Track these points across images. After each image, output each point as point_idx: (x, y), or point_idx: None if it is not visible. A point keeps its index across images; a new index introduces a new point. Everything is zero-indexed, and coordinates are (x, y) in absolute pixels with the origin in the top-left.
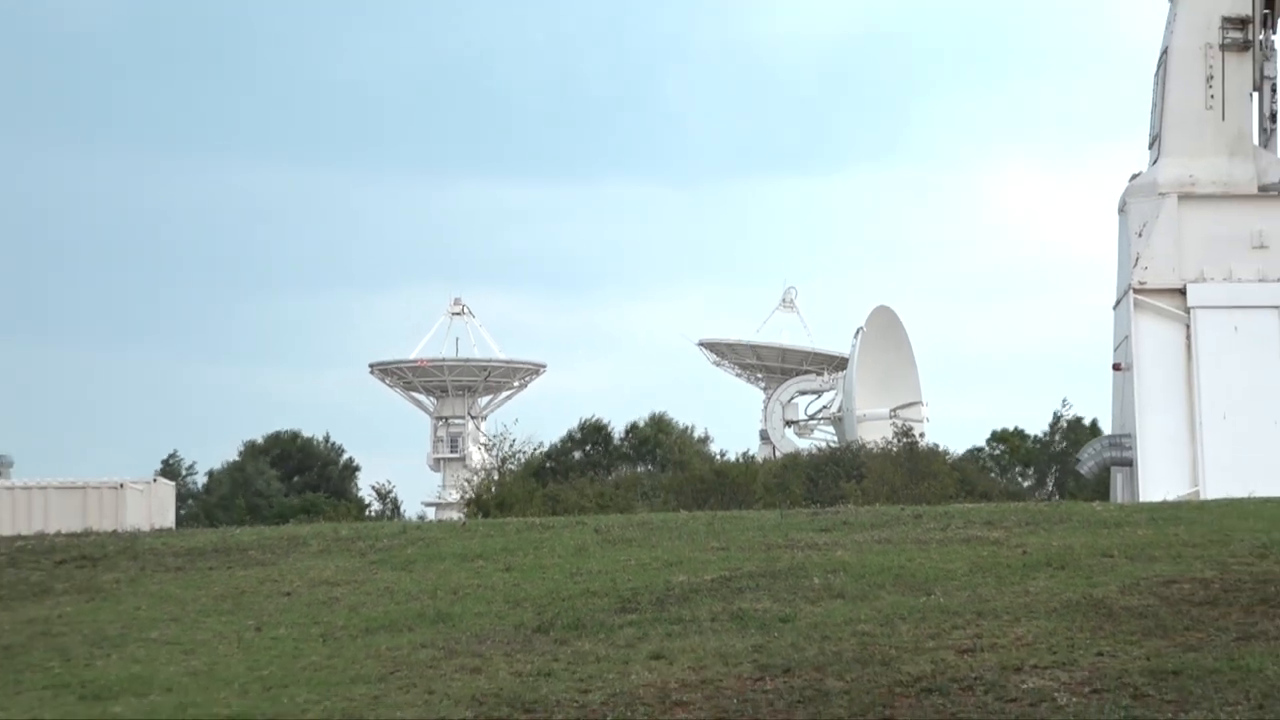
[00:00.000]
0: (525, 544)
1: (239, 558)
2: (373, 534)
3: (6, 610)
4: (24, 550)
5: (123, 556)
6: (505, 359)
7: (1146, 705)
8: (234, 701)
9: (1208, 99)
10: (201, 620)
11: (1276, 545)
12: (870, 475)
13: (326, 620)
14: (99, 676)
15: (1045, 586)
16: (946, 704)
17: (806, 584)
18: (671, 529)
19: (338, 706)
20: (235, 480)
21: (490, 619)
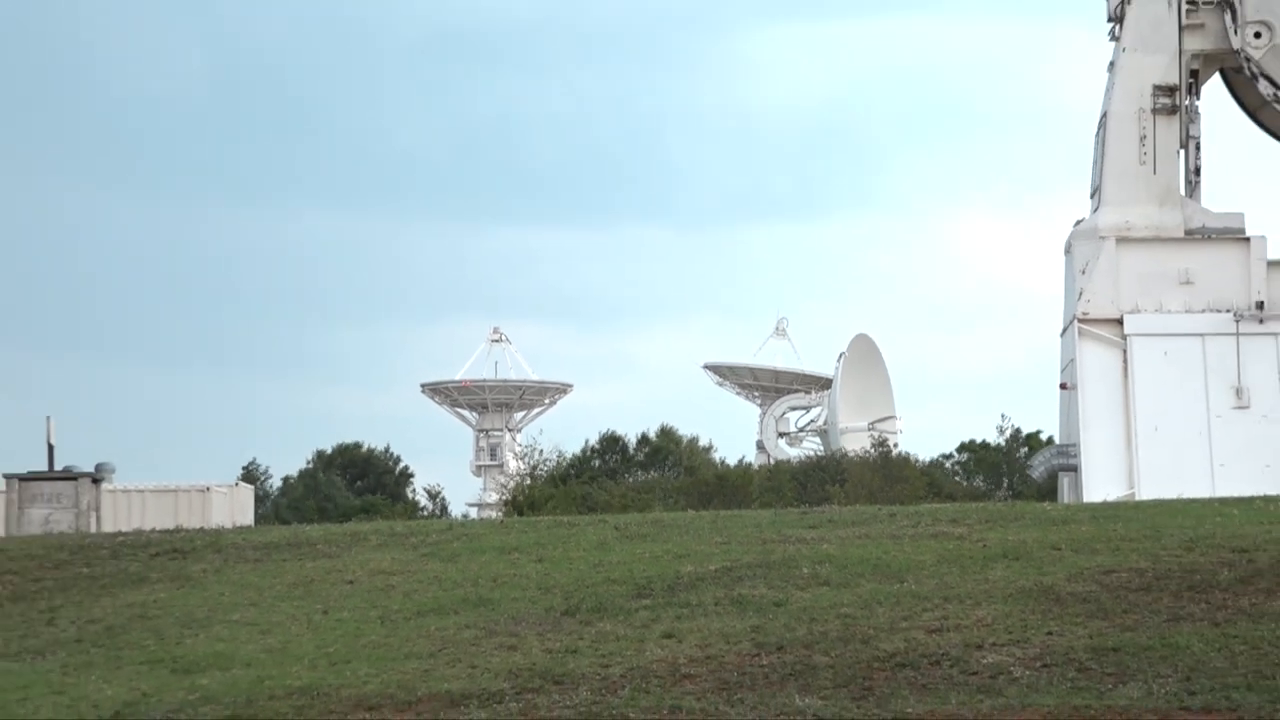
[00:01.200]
0: (554, 539)
1: (308, 551)
2: (423, 530)
3: (109, 596)
4: (124, 545)
5: (208, 550)
6: (537, 380)
7: (1089, 677)
8: (304, 674)
9: (1141, 156)
10: (276, 605)
11: (1201, 540)
12: (851, 480)
13: (383, 605)
14: (188, 653)
15: (1002, 575)
16: (917, 676)
17: (797, 573)
18: (680, 526)
19: (393, 679)
20: (306, 485)
21: (524, 603)
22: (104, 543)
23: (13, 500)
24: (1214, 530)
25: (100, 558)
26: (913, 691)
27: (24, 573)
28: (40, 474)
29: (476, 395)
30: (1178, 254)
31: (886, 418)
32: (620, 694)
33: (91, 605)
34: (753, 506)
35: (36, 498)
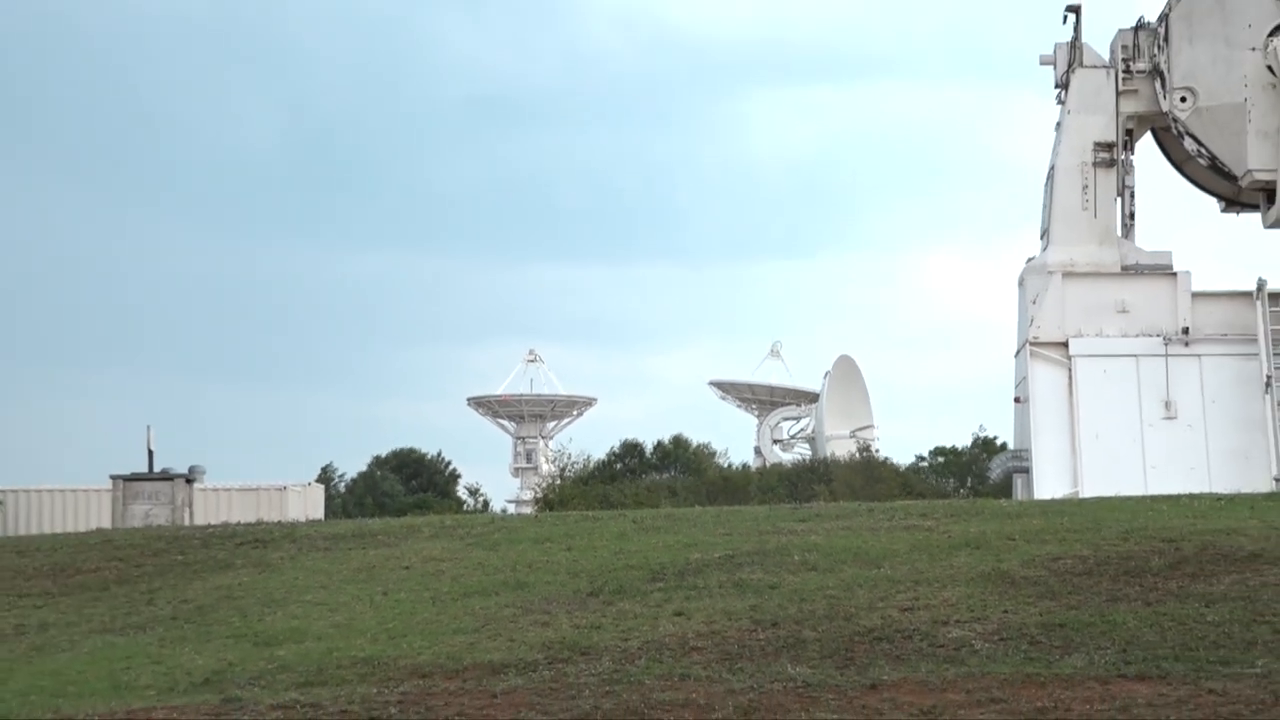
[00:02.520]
0: (581, 531)
1: (370, 541)
2: (469, 524)
3: (200, 580)
4: (212, 536)
5: (285, 540)
6: (566, 394)
7: (1040, 649)
8: (366, 646)
9: (1084, 203)
10: (342, 587)
11: (1135, 531)
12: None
13: (434, 587)
14: (267, 628)
15: (965, 562)
16: (892, 648)
17: (789, 560)
18: (689, 520)
19: (443, 650)
20: (367, 484)
21: (555, 586)
22: (195, 534)
23: (118, 498)
24: (1146, 523)
25: (192, 547)
26: (888, 661)
27: (128, 560)
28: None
29: (514, 407)
30: (1115, 287)
31: (866, 426)
32: (637, 664)
33: (185, 587)
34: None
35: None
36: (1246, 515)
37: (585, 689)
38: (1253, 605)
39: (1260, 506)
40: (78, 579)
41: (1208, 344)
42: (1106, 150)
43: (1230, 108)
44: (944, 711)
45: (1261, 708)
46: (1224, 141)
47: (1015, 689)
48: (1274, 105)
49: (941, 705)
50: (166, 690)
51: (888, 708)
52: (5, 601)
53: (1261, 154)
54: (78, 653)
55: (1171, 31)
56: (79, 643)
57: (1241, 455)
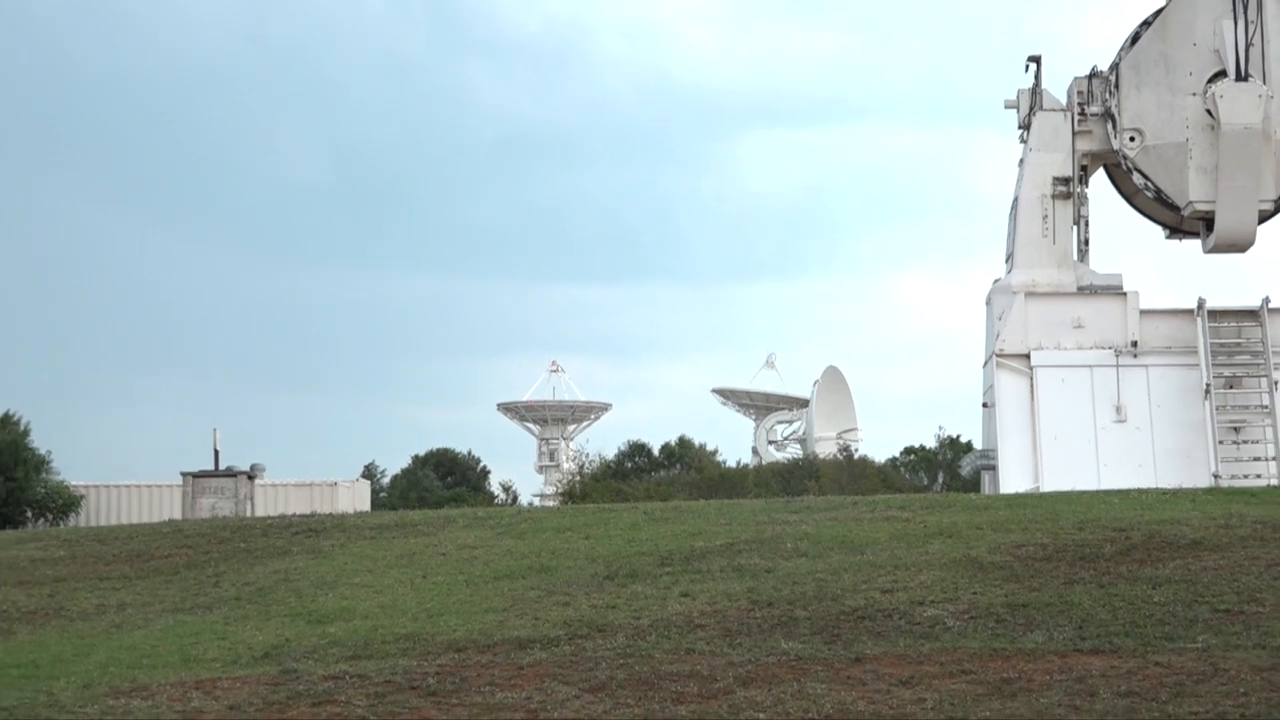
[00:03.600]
0: (598, 521)
1: (411, 530)
2: (498, 515)
3: (261, 565)
4: (271, 526)
5: (336, 530)
6: (584, 400)
7: (1005, 626)
8: (408, 624)
9: (1044, 230)
10: (386, 571)
11: (1090, 522)
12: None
13: (468, 571)
14: (320, 608)
15: (938, 549)
16: (874, 626)
17: (782, 547)
18: (694, 512)
19: (476, 627)
20: (409, 480)
21: (575, 570)
22: (256, 524)
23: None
24: (1099, 514)
25: (253, 535)
26: (871, 637)
27: (196, 547)
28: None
29: (539, 412)
30: (1071, 305)
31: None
32: (648, 639)
33: (247, 572)
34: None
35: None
36: (1188, 507)
37: (602, 662)
38: (1194, 587)
39: (1200, 500)
40: (151, 564)
41: (1154, 356)
42: (1064, 184)
43: (1174, 146)
44: (920, 681)
45: (1202, 678)
46: (1168, 176)
47: (983, 661)
48: (1212, 144)
49: (918, 676)
50: (230, 663)
51: (870, 678)
52: (87, 584)
53: (1201, 187)
54: (151, 629)
55: (1121, 79)
56: (152, 621)
57: (1184, 454)
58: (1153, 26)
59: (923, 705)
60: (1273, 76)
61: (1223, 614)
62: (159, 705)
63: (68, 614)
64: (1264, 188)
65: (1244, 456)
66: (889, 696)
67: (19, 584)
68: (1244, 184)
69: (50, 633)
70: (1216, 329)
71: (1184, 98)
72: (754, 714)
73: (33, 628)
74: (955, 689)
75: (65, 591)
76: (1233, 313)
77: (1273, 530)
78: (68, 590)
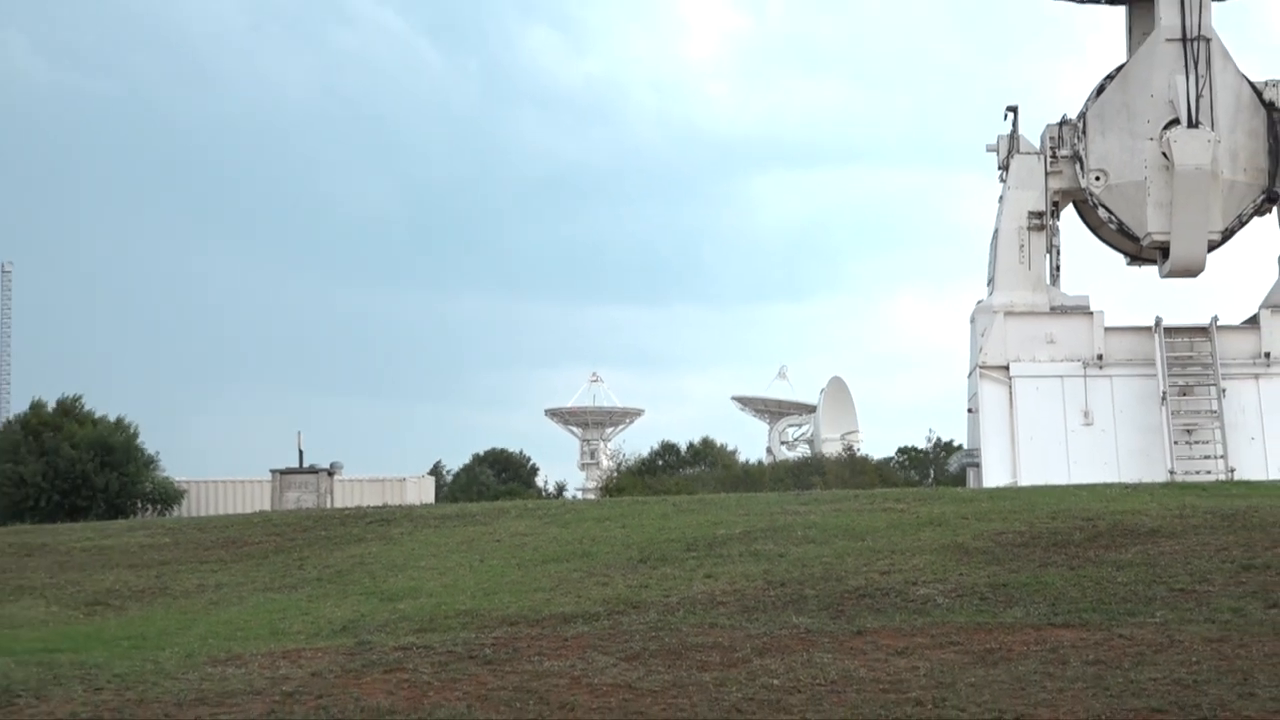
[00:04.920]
0: (633, 512)
1: (470, 520)
2: (546, 507)
3: (340, 550)
4: (348, 516)
5: (404, 519)
6: (621, 407)
7: (987, 603)
8: (467, 601)
9: (1021, 258)
10: (449, 556)
11: (1061, 512)
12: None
13: (520, 556)
14: (391, 588)
15: (929, 536)
16: (873, 603)
17: (793, 535)
18: (716, 504)
19: (526, 604)
20: (468, 477)
21: (612, 555)
22: (335, 515)
23: (276, 487)
24: (1070, 506)
25: (333, 524)
26: (870, 613)
27: (283, 535)
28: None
29: (581, 417)
30: (1045, 323)
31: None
32: (676, 615)
33: (327, 556)
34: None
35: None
36: (1148, 500)
37: (636, 634)
38: (1153, 569)
39: (1158, 493)
40: (244, 550)
41: (1117, 367)
42: (1038, 218)
43: (1134, 185)
44: (913, 651)
45: (1160, 649)
46: (1129, 211)
47: (968, 634)
48: (1167, 183)
49: (912, 646)
50: (313, 635)
51: (870, 649)
52: (188, 567)
53: (1158, 220)
54: (244, 607)
55: (1088, 126)
56: (245, 599)
57: (1143, 453)
58: (1115, 80)
59: (916, 672)
60: (1219, 124)
61: (1178, 592)
62: (251, 673)
63: (171, 593)
64: (1213, 220)
65: (1196, 455)
66: (886, 665)
67: (129, 567)
68: (1195, 217)
69: (156, 609)
70: (1171, 344)
71: (1143, 142)
72: (769, 680)
73: (141, 605)
74: (944, 658)
75: (169, 573)
76: (1186, 330)
77: (1221, 520)
78: (171, 572)
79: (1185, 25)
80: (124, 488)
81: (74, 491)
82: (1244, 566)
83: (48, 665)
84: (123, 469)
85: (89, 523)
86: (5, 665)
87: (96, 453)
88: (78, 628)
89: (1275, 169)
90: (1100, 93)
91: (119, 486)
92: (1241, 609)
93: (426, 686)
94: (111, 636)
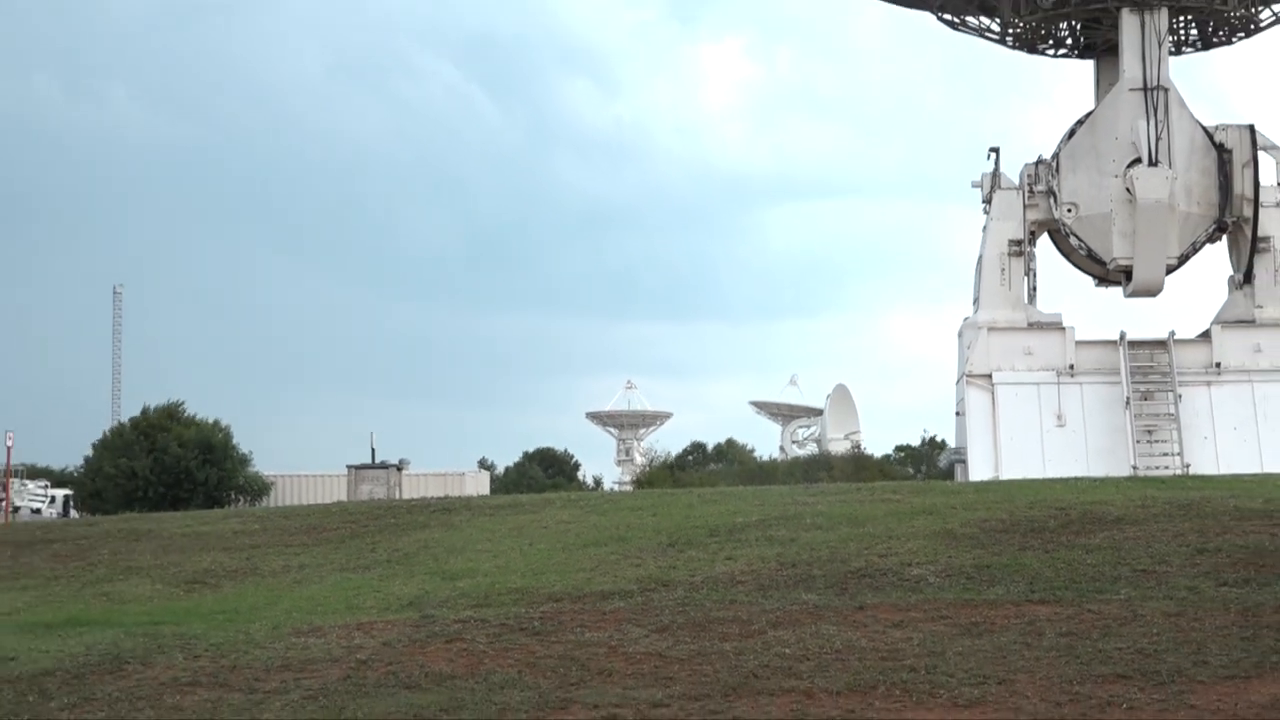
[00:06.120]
0: (663, 502)
1: (520, 509)
2: (587, 498)
3: (407, 535)
4: (415, 506)
5: (463, 509)
6: (652, 410)
7: (973, 582)
8: (518, 580)
9: (1002, 280)
10: (502, 541)
11: (1038, 502)
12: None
13: (564, 541)
14: (453, 568)
15: (922, 523)
16: (873, 582)
17: (803, 522)
18: (735, 495)
19: (569, 583)
20: (519, 471)
21: (645, 540)
22: (403, 505)
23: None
24: (1045, 497)
25: (400, 513)
26: (870, 591)
27: (358, 522)
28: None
29: (618, 419)
30: (1023, 337)
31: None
32: (701, 592)
33: (395, 541)
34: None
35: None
36: (1113, 492)
37: (665, 609)
38: (1118, 553)
39: (1122, 486)
40: (323, 535)
41: (1086, 375)
42: (1017, 245)
43: (1101, 216)
44: (908, 624)
45: (1124, 622)
46: (1097, 239)
47: (956, 609)
48: (1130, 215)
49: (907, 620)
50: (383, 610)
51: (870, 621)
52: (275, 550)
53: (1122, 247)
54: (324, 584)
55: (1061, 165)
56: (325, 578)
57: (1110, 451)
58: (1084, 124)
59: (910, 642)
60: (1176, 163)
61: (1140, 573)
62: (329, 642)
63: (260, 573)
64: (1170, 247)
65: (1155, 453)
66: (884, 636)
67: (224, 550)
68: (1155, 245)
69: (247, 587)
70: (1134, 355)
71: (1109, 179)
72: (781, 649)
73: (234, 583)
74: (935, 630)
75: (258, 556)
76: (1146, 343)
77: (1178, 509)
78: (260, 555)
79: (1146, 76)
80: (221, 481)
81: (177, 484)
82: (1198, 550)
83: (152, 636)
84: (220, 465)
85: (189, 512)
86: (115, 636)
87: (199, 451)
88: (179, 603)
89: (1225, 202)
90: (1071, 135)
91: (217, 480)
92: (1196, 587)
93: (482, 654)
94: (208, 611)
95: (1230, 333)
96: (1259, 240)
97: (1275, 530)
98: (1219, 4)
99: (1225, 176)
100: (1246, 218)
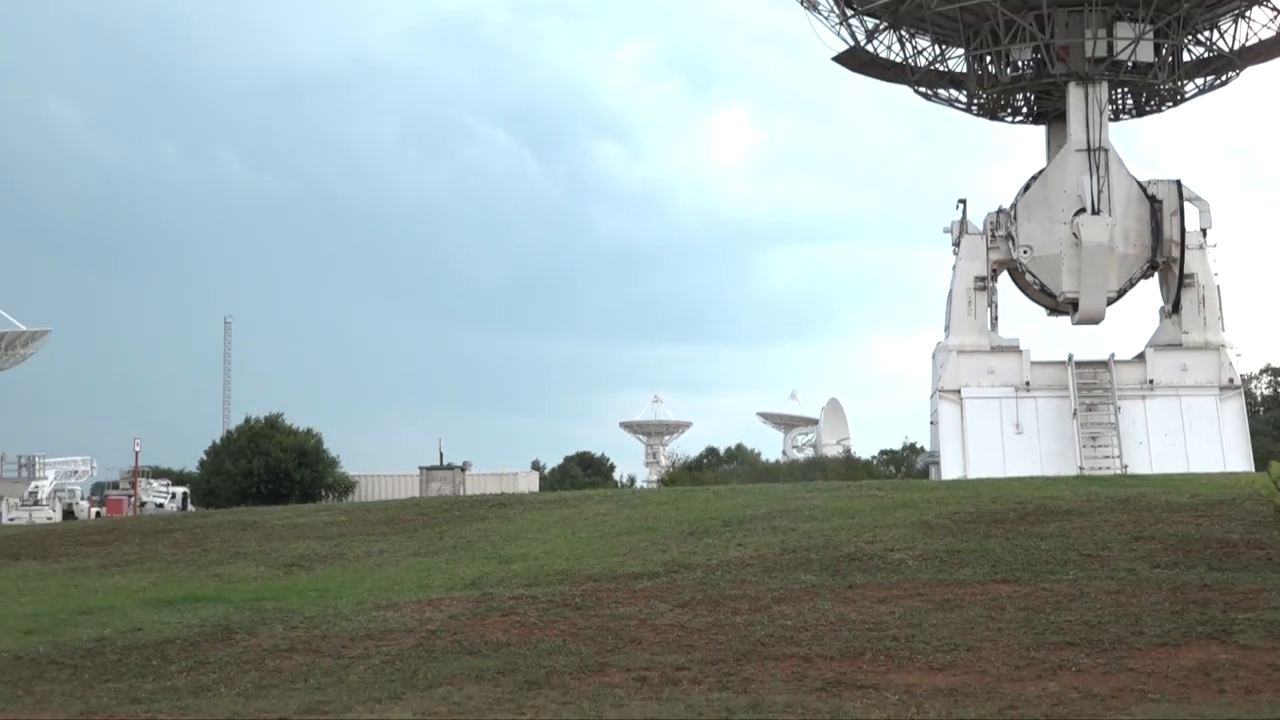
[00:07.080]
0: (684, 498)
1: (565, 504)
2: (620, 495)
3: (469, 525)
4: (476, 501)
5: (517, 503)
6: (675, 420)
7: (946, 565)
8: (562, 564)
9: (969, 311)
10: (548, 530)
11: (1000, 497)
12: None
13: (601, 529)
14: (508, 553)
15: (902, 515)
16: (861, 564)
17: (802, 515)
18: (745, 492)
19: (605, 566)
20: (563, 472)
21: (669, 529)
22: (466, 500)
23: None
24: (1006, 493)
25: (464, 507)
26: (859, 572)
27: (428, 514)
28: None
29: (646, 428)
30: (987, 359)
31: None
32: (717, 573)
33: (460, 530)
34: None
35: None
36: (1063, 489)
37: (687, 588)
38: (1068, 540)
39: (1071, 484)
40: (400, 525)
41: (1041, 391)
42: (982, 281)
43: (1052, 257)
44: (891, 601)
45: (1073, 599)
46: (1049, 276)
47: (931, 588)
48: (1077, 255)
49: (889, 597)
50: (449, 588)
51: (859, 598)
52: (358, 538)
53: (1070, 283)
54: (400, 567)
55: (1018, 213)
56: (400, 561)
57: (1060, 455)
58: (1038, 179)
59: (892, 615)
60: (1115, 211)
61: (1086, 557)
62: (405, 615)
63: (346, 557)
64: (1110, 283)
65: (1099, 456)
66: (871, 610)
67: (316, 538)
68: (1098, 281)
69: (335, 569)
70: (1080, 374)
71: (1059, 225)
72: (784, 622)
73: (324, 565)
74: (913, 605)
75: (345, 542)
76: (1091, 364)
77: (1119, 503)
78: (346, 542)
79: (1090, 139)
80: (314, 480)
81: (278, 482)
82: (1135, 537)
83: (256, 610)
84: (313, 467)
85: (288, 505)
86: (225, 610)
87: (296, 455)
88: (278, 583)
89: (1156, 245)
90: (1027, 189)
91: (310, 479)
92: (1133, 569)
93: (532, 626)
94: (303, 589)
95: (1161, 355)
96: (1185, 277)
97: (1200, 521)
98: (1151, 79)
99: (1156, 223)
100: (1174, 258)
